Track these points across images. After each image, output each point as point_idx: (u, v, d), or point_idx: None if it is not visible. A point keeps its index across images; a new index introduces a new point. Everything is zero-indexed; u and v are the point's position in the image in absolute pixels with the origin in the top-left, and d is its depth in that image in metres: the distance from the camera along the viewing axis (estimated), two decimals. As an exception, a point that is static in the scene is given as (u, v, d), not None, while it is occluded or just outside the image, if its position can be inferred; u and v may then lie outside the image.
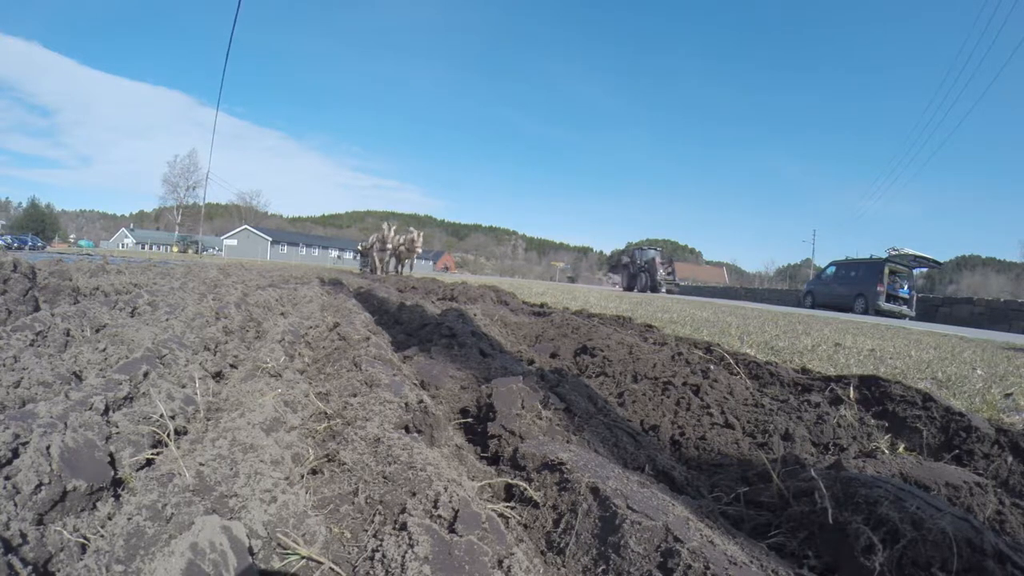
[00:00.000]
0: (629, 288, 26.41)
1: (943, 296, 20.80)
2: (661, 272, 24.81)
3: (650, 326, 4.94)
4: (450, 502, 0.95)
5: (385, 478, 1.08)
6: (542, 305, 6.81)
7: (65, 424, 1.05)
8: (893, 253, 17.26)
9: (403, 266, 19.59)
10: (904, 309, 16.64)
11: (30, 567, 0.76)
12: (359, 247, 26.24)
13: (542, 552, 1.05)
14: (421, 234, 18.91)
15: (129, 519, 0.84)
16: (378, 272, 18.95)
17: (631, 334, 3.87)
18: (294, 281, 7.78)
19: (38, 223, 68.50)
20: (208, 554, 0.75)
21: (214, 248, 62.66)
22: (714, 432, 1.81)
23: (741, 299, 26.82)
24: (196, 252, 54.01)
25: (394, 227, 19.36)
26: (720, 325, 5.92)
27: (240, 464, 1.02)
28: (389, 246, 18.98)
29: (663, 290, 24.14)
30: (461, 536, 0.85)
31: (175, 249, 55.24)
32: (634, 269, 26.49)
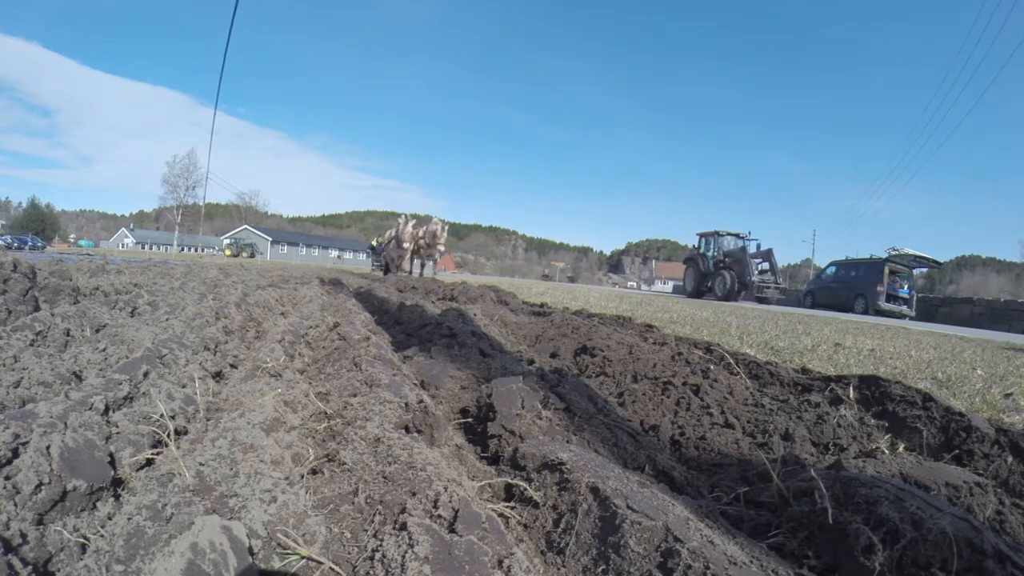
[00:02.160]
0: (697, 293, 18.12)
1: (943, 296, 20.83)
2: (753, 270, 16.51)
3: (650, 326, 4.94)
4: (450, 502, 0.95)
5: (385, 478, 1.08)
6: (542, 305, 6.81)
7: (65, 424, 1.05)
8: (893, 253, 17.27)
9: (423, 266, 16.17)
10: (904, 309, 16.66)
11: (30, 567, 0.76)
12: (372, 243, 22.95)
13: (542, 552, 1.05)
14: (445, 226, 15.48)
15: (129, 519, 0.84)
16: (393, 272, 15.57)
17: (631, 334, 3.87)
18: (294, 281, 7.78)
19: (38, 223, 68.39)
20: (208, 554, 0.75)
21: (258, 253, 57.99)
22: (714, 432, 1.81)
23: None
24: (251, 255, 49.33)
25: (412, 220, 15.71)
26: (720, 325, 5.92)
27: (240, 464, 1.02)
28: (406, 244, 15.41)
29: (751, 295, 16.65)
30: (461, 536, 0.85)
31: (227, 253, 49.04)
32: (706, 265, 18.16)
